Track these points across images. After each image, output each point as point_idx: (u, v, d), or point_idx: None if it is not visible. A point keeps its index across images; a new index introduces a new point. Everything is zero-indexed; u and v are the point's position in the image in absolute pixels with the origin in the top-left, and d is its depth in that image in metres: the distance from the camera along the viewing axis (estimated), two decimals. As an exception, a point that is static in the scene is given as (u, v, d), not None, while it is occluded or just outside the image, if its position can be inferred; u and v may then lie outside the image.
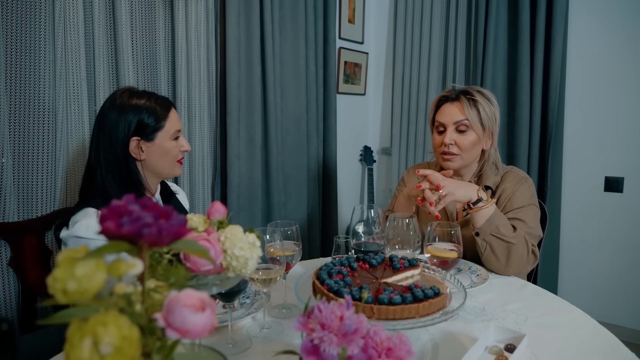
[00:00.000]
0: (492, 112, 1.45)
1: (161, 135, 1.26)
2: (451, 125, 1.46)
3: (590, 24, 2.55)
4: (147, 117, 1.23)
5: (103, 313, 0.37)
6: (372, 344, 0.61)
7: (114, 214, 0.40)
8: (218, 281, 0.65)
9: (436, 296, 0.86)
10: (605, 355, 0.91)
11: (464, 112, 1.43)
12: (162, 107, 1.27)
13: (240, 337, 0.98)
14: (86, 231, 1.12)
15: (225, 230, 0.65)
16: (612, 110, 2.53)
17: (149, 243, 0.41)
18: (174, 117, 1.29)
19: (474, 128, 1.44)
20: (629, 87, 2.47)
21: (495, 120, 1.47)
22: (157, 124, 1.25)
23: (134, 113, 1.22)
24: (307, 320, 0.63)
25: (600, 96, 2.56)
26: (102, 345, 0.35)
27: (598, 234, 2.62)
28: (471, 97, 1.45)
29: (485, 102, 1.45)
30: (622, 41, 2.47)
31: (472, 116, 1.43)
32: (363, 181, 3.44)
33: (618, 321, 2.53)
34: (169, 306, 0.43)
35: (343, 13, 3.02)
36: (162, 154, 1.27)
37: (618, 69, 2.50)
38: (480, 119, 1.44)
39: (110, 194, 1.20)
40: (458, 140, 1.45)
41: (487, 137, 1.48)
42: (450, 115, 1.46)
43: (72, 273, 0.37)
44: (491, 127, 1.46)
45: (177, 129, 1.30)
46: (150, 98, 1.26)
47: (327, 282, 0.90)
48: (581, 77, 2.60)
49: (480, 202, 1.31)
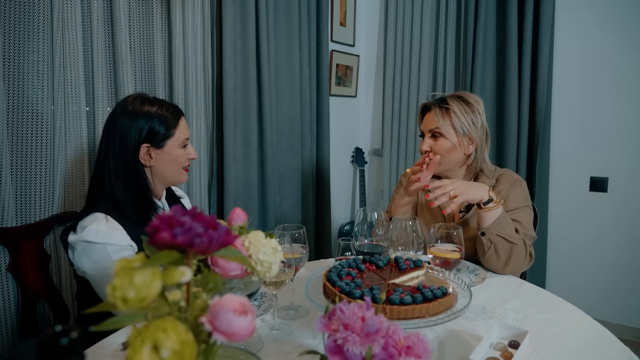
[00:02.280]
0: (468, 119, 1.49)
1: (171, 143, 1.27)
2: (427, 133, 1.54)
3: (576, 28, 2.63)
4: (158, 125, 1.24)
5: (162, 319, 0.39)
6: (392, 342, 0.64)
7: (165, 224, 0.42)
8: (242, 285, 0.67)
9: (444, 296, 0.90)
10: (603, 349, 0.96)
11: (435, 120, 1.50)
12: (173, 115, 1.28)
13: (251, 339, 1.00)
14: (95, 236, 1.13)
15: (248, 236, 0.67)
16: (597, 112, 2.62)
17: (198, 251, 0.43)
18: (183, 125, 1.31)
19: (446, 135, 1.49)
20: (614, 90, 2.56)
21: (475, 125, 1.50)
22: (167, 132, 1.26)
23: (145, 120, 1.22)
24: (329, 322, 0.66)
25: (586, 99, 2.64)
26: (163, 350, 0.37)
27: (584, 232, 2.71)
28: (445, 105, 1.50)
29: (461, 109, 1.49)
30: (607, 45, 2.56)
31: (443, 124, 1.49)
32: (355, 182, 3.47)
33: (603, 316, 2.62)
34: (214, 311, 0.45)
35: (335, 16, 3.05)
36: (171, 162, 1.28)
37: (603, 72, 2.58)
38: (453, 126, 1.49)
39: (119, 199, 1.21)
40: (433, 147, 1.52)
41: (466, 142, 1.52)
42: (426, 123, 1.55)
43: (131, 282, 0.39)
44: (469, 132, 1.49)
45: (186, 137, 1.31)
46: (162, 106, 1.27)
47: (338, 283, 0.93)
48: (567, 80, 2.69)
49: (491, 202, 1.35)
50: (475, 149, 1.53)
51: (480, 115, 1.52)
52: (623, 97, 2.54)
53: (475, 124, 1.50)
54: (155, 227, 0.42)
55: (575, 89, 2.67)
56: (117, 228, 1.16)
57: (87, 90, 1.67)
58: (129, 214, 1.20)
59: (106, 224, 1.15)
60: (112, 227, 1.16)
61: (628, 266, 2.59)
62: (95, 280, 1.16)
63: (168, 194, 1.43)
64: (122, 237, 1.16)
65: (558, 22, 2.66)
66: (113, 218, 1.18)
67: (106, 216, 1.17)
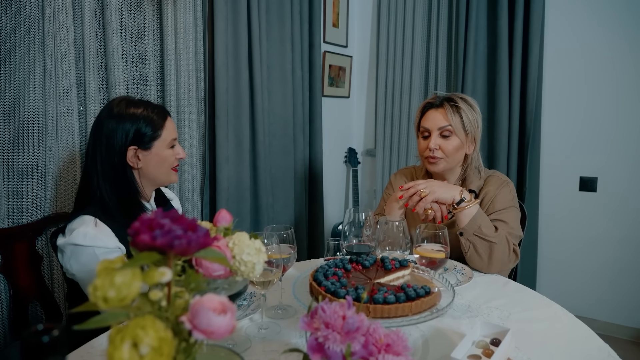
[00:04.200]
0: (474, 119, 1.53)
1: (158, 144, 1.28)
2: (435, 131, 1.53)
3: (566, 29, 2.67)
4: (144, 127, 1.24)
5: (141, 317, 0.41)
6: (372, 340, 0.66)
7: (145, 227, 0.43)
8: (226, 285, 0.69)
9: (427, 295, 0.92)
10: (581, 345, 0.98)
11: (447, 118, 1.51)
12: (159, 116, 1.28)
13: (239, 338, 1.01)
14: (84, 239, 1.14)
15: (232, 237, 0.69)
16: (586, 112, 2.65)
17: (178, 253, 0.44)
18: (170, 125, 1.31)
19: (457, 133, 1.51)
20: (604, 90, 2.59)
21: (478, 126, 1.54)
22: (154, 133, 1.26)
23: (131, 122, 1.23)
24: (312, 320, 0.68)
25: (576, 99, 2.68)
26: (142, 347, 0.39)
27: (574, 231, 2.75)
28: (455, 103, 1.52)
29: (468, 108, 1.52)
30: (596, 46, 2.59)
31: (455, 122, 1.50)
32: (348, 182, 3.50)
33: (592, 314, 2.66)
34: (194, 310, 0.47)
35: (327, 17, 3.07)
36: (159, 162, 1.29)
37: (593, 73, 2.62)
38: (463, 125, 1.51)
39: (107, 202, 1.22)
40: (442, 145, 1.52)
41: (469, 142, 1.55)
42: (434, 121, 1.53)
43: (112, 282, 0.40)
44: (473, 132, 1.53)
45: (174, 137, 1.32)
46: (147, 107, 1.27)
47: (324, 283, 0.94)
48: (558, 80, 2.72)
49: (463, 202, 1.38)
50: (474, 149, 1.56)
51: (480, 116, 1.56)
52: (613, 98, 2.57)
53: (479, 125, 1.54)
54: (136, 229, 0.44)
55: (566, 90, 2.70)
56: (105, 231, 1.17)
57: (78, 91, 1.68)
58: (117, 217, 1.21)
59: (94, 227, 1.16)
60: (101, 230, 1.17)
61: (618, 264, 2.63)
62: (84, 282, 1.17)
63: (157, 195, 1.44)
64: (110, 240, 1.17)
65: (548, 22, 2.69)
66: (102, 221, 1.19)
67: (95, 219, 1.18)
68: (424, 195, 1.38)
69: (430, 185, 1.40)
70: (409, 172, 1.79)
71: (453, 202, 1.39)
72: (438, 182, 1.43)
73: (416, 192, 1.40)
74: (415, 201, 1.40)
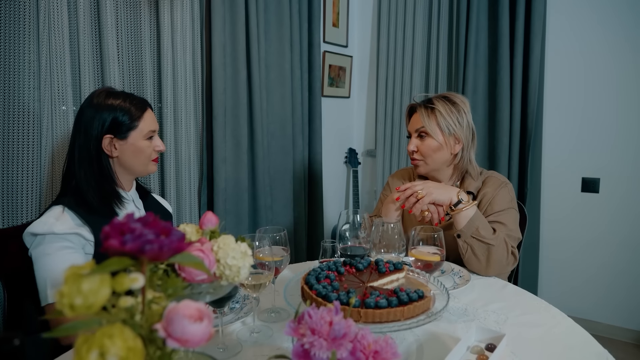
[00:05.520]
0: (454, 118, 1.50)
1: (134, 135, 1.29)
2: (414, 133, 1.56)
3: (567, 29, 2.64)
4: (121, 116, 1.26)
5: (109, 326, 0.39)
6: (360, 347, 0.64)
7: (116, 231, 0.42)
8: (211, 289, 0.67)
9: (420, 299, 0.90)
10: (579, 351, 0.96)
11: (420, 120, 1.52)
12: (137, 107, 1.29)
13: (230, 342, 1.00)
14: (42, 227, 1.14)
15: (217, 240, 0.67)
16: (588, 113, 2.62)
17: (150, 258, 0.43)
18: (149, 117, 1.32)
19: (432, 134, 1.51)
20: (606, 91, 2.56)
21: (461, 124, 1.51)
22: (130, 124, 1.27)
23: (108, 112, 1.24)
24: (298, 326, 0.66)
25: (578, 100, 2.65)
26: (109, 357, 0.37)
27: (576, 233, 2.72)
28: (430, 105, 1.52)
29: (446, 109, 1.50)
30: (598, 46, 2.56)
31: (428, 123, 1.51)
32: (348, 183, 3.48)
33: (594, 317, 2.63)
34: (168, 317, 0.45)
35: (327, 17, 3.05)
36: (135, 153, 1.30)
37: (595, 73, 2.59)
38: (439, 125, 1.50)
39: (84, 190, 1.22)
40: (419, 146, 1.54)
41: (452, 142, 1.53)
42: (412, 124, 1.57)
43: (79, 289, 0.39)
44: (454, 131, 1.51)
45: (152, 129, 1.32)
46: (127, 99, 1.29)
47: (315, 286, 0.93)
48: (559, 80, 2.69)
49: (461, 203, 1.36)
50: (462, 148, 1.54)
51: (466, 114, 1.53)
52: (615, 98, 2.54)
53: (460, 124, 1.52)
54: (106, 233, 0.42)
55: (567, 90, 2.67)
56: (64, 219, 1.17)
57: (74, 91, 1.67)
58: (92, 203, 1.21)
59: (58, 216, 1.16)
60: (62, 218, 1.16)
61: (620, 266, 2.60)
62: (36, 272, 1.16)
63: (139, 186, 1.44)
64: (64, 226, 1.15)
65: (549, 23, 2.66)
66: (73, 210, 1.19)
67: (64, 208, 1.19)
68: (421, 197, 1.37)
69: (427, 186, 1.38)
70: (407, 173, 1.78)
71: (450, 204, 1.38)
72: (435, 184, 1.41)
73: (413, 194, 1.38)
74: (412, 202, 1.39)
